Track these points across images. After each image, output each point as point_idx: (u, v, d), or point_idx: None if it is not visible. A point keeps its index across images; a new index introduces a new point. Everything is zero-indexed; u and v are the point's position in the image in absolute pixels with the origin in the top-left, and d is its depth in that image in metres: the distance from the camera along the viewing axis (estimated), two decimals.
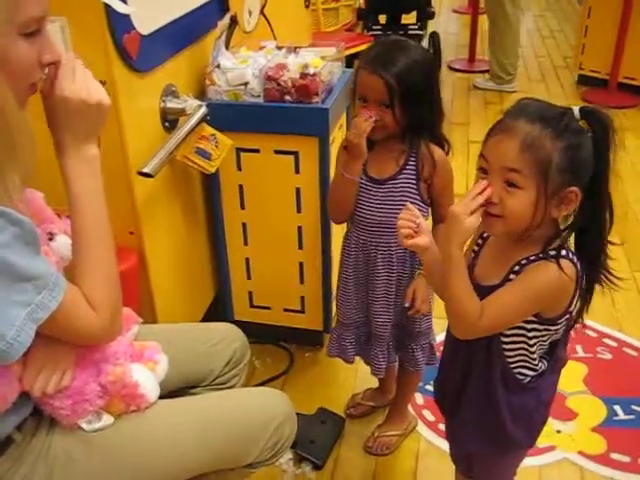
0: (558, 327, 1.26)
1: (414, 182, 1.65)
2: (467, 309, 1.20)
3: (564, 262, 1.17)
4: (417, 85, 1.56)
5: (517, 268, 1.21)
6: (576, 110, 1.16)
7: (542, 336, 1.27)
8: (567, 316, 1.24)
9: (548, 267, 1.18)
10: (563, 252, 1.18)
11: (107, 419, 1.20)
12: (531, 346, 1.28)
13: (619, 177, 3.80)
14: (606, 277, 1.27)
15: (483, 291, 1.24)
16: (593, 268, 1.24)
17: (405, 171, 1.65)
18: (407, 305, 1.72)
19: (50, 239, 1.18)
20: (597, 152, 1.15)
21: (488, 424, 1.37)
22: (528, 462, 1.50)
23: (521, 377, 1.31)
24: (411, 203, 1.37)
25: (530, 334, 1.26)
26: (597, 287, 1.28)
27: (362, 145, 1.59)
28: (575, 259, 1.20)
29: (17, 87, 0.98)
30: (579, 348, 2.39)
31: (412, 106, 1.56)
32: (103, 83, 1.54)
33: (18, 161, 0.96)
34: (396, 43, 1.62)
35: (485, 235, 1.33)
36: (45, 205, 1.22)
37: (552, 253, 1.18)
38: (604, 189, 1.20)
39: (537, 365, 1.31)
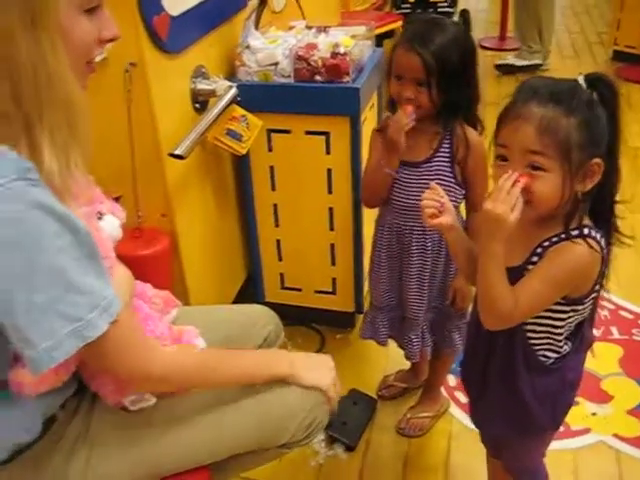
0: (585, 306, 1.23)
1: (449, 165, 1.63)
2: (505, 304, 1.18)
3: (589, 241, 1.15)
4: (455, 64, 1.53)
5: (540, 250, 1.19)
6: (581, 80, 1.15)
7: (569, 317, 1.24)
8: (594, 294, 1.22)
9: (572, 249, 1.15)
10: (585, 231, 1.16)
11: (149, 399, 1.21)
12: (557, 328, 1.25)
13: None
14: (618, 238, 1.24)
15: (511, 274, 1.21)
16: (607, 231, 1.21)
17: (439, 153, 1.63)
18: (447, 303, 1.73)
19: (99, 218, 1.19)
20: (609, 117, 1.14)
21: (511, 407, 1.35)
22: (562, 445, 1.48)
23: (544, 359, 1.29)
24: (446, 186, 1.35)
25: (556, 315, 1.24)
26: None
27: (402, 141, 1.57)
28: (598, 235, 1.17)
29: (77, 65, 0.98)
30: (614, 330, 2.35)
31: (449, 86, 1.53)
32: (134, 65, 1.56)
33: (81, 142, 0.96)
34: (434, 21, 1.58)
35: None
36: (93, 185, 1.23)
37: (574, 233, 1.16)
38: (617, 152, 1.18)
39: (562, 347, 1.29)
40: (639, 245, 1.22)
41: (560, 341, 1.28)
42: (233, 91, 1.85)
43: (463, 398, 2.12)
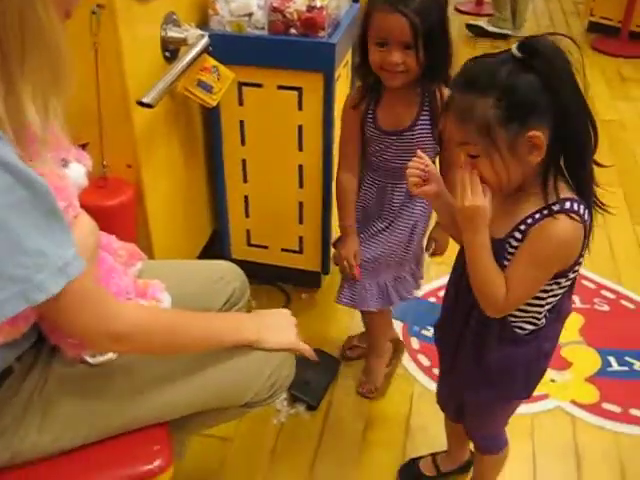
0: (568, 278, 1.22)
1: (430, 129, 1.60)
2: (496, 290, 1.19)
3: (571, 215, 1.13)
4: (436, 22, 1.48)
5: (523, 227, 1.17)
6: (514, 49, 1.10)
7: (552, 291, 1.23)
8: (577, 267, 1.21)
9: (554, 226, 1.13)
10: (567, 204, 1.13)
11: (110, 355, 1.18)
12: (540, 300, 1.24)
13: (625, 128, 3.78)
14: (596, 205, 1.20)
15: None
16: (588, 200, 1.18)
17: (421, 119, 1.60)
18: (428, 254, 1.74)
19: (64, 165, 1.14)
20: (548, 82, 1.08)
21: (485, 374, 1.35)
22: (521, 410, 1.49)
23: (520, 331, 1.29)
24: (429, 149, 1.33)
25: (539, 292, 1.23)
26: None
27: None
28: (581, 207, 1.14)
29: (58, 11, 0.93)
30: (576, 299, 2.37)
31: (432, 46, 1.48)
32: (102, 7, 1.50)
33: (61, 89, 0.93)
34: None
35: None
36: (60, 132, 1.18)
37: (555, 208, 1.13)
38: (574, 112, 1.11)
39: (540, 320, 1.28)
40: (602, 215, 1.21)
41: (540, 313, 1.27)
42: (205, 40, 1.79)
43: (426, 361, 2.13)
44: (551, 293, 1.23)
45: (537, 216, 1.15)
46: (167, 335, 1.16)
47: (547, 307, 1.26)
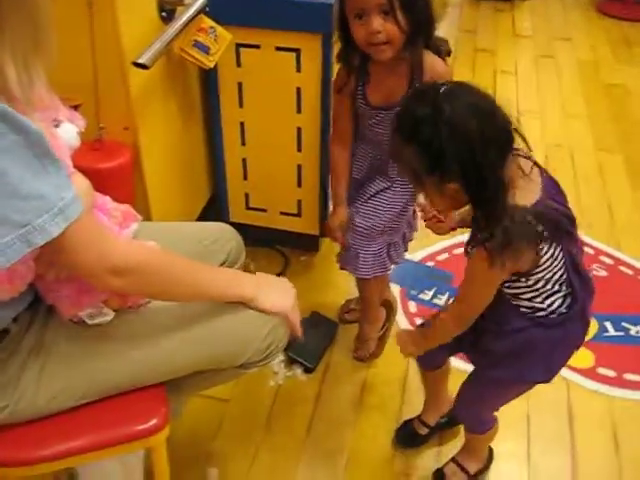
0: (538, 276, 1.24)
1: None
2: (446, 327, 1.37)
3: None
4: None
5: (469, 250, 1.23)
6: (439, 98, 1.12)
7: (527, 286, 1.26)
8: (542, 266, 1.22)
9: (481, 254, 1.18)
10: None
11: (107, 313, 1.20)
12: (525, 294, 1.28)
13: (629, 93, 3.74)
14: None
15: None
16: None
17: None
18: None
19: (56, 126, 1.14)
20: (464, 135, 1.10)
21: (507, 351, 1.36)
22: None
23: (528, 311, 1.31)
24: None
25: (513, 291, 1.28)
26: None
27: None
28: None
29: None
30: None
31: (410, 10, 1.43)
32: None
33: (43, 49, 0.92)
34: None
35: None
36: (48, 93, 1.17)
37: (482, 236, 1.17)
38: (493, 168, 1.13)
39: (544, 303, 1.29)
40: (602, 181, 1.21)
41: (541, 302, 1.28)
42: (202, 0, 1.77)
43: None
44: (526, 288, 1.26)
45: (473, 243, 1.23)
46: (167, 275, 1.16)
47: (540, 296, 1.27)
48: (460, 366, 1.77)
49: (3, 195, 0.88)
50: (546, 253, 1.20)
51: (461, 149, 1.09)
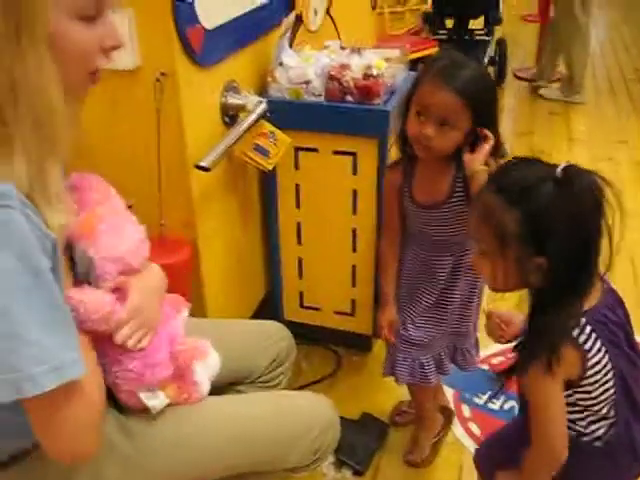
0: (586, 388, 1.19)
1: (466, 202, 1.56)
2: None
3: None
4: (481, 102, 1.47)
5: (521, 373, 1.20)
6: (559, 169, 1.09)
7: (572, 403, 1.21)
8: (591, 378, 1.17)
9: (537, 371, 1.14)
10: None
11: (163, 398, 1.20)
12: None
13: None
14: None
15: None
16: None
17: (456, 193, 1.57)
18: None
19: (129, 207, 1.20)
20: (580, 215, 1.08)
21: None
22: None
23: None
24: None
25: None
26: None
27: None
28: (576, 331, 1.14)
29: (75, 75, 0.95)
30: None
31: (473, 125, 1.48)
32: (165, 75, 1.57)
33: (58, 153, 0.93)
34: (457, 58, 1.50)
35: None
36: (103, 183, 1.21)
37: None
38: (587, 256, 1.12)
39: (587, 429, 1.23)
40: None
41: (585, 427, 1.23)
42: (263, 106, 1.85)
43: (477, 430, 2.08)
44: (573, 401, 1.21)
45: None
46: None
47: (583, 415, 1.22)
48: None
49: (5, 335, 0.85)
50: (595, 362, 1.15)
51: (574, 227, 1.08)
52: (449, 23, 4.73)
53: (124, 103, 1.66)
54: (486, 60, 4.45)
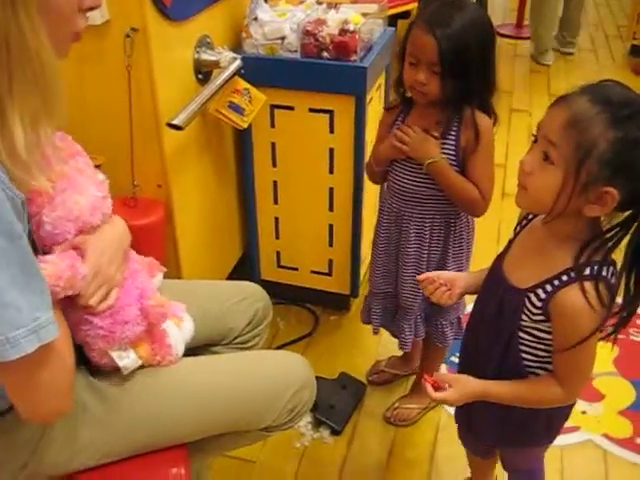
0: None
1: (454, 154, 1.55)
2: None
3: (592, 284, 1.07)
4: (473, 51, 1.44)
5: (549, 288, 1.12)
6: None
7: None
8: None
9: (574, 299, 1.08)
10: (596, 270, 1.07)
11: (135, 358, 1.18)
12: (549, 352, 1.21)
13: None
14: None
15: (510, 292, 1.19)
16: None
17: (446, 141, 1.55)
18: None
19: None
20: None
21: (506, 420, 1.31)
22: None
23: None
24: None
25: (546, 344, 1.19)
26: None
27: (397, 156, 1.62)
28: (611, 280, 1.08)
29: (59, 35, 0.94)
30: (611, 329, 2.31)
31: (464, 73, 1.45)
32: (135, 30, 1.52)
33: (52, 111, 0.92)
34: (454, 2, 1.48)
35: (529, 217, 1.26)
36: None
37: (586, 272, 1.07)
38: None
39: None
40: None
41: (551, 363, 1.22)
42: (237, 63, 1.81)
43: None
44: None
45: (564, 278, 1.10)
46: None
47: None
48: None
49: None
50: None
51: None
52: None
53: (92, 60, 1.60)
54: None
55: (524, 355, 1.21)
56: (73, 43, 0.99)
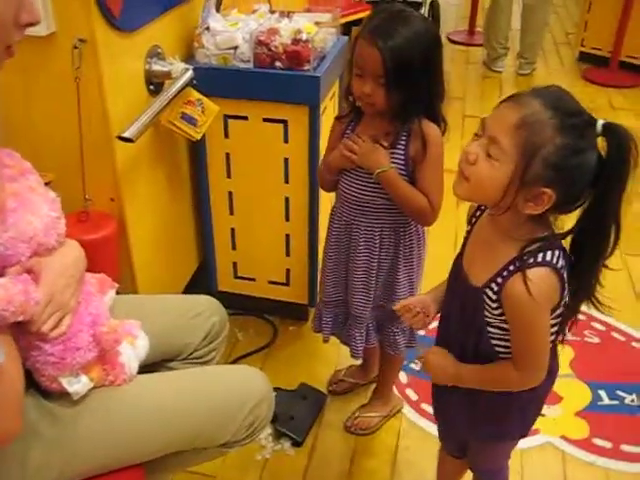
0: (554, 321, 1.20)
1: (403, 164, 1.55)
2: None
3: (538, 270, 1.10)
4: (418, 61, 1.44)
5: (499, 280, 1.14)
6: (600, 123, 1.07)
7: None
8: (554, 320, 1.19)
9: (521, 287, 1.10)
10: (539, 257, 1.10)
11: (86, 382, 1.16)
12: None
13: None
14: (593, 303, 1.22)
15: (469, 291, 1.21)
16: (582, 290, 1.18)
17: (395, 151, 1.55)
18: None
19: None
20: (606, 172, 1.06)
21: (481, 413, 1.33)
22: None
23: None
24: None
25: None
26: None
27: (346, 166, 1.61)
28: (554, 255, 1.11)
29: None
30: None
31: (409, 84, 1.45)
32: (83, 41, 1.50)
33: None
34: (399, 14, 1.48)
35: (477, 214, 1.28)
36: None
37: (530, 260, 1.10)
38: (609, 213, 1.10)
39: None
40: None
41: None
42: (189, 74, 1.79)
43: (414, 395, 2.10)
44: None
45: (511, 268, 1.13)
46: None
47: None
48: None
49: None
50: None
51: (610, 183, 1.06)
52: None
53: (39, 72, 1.57)
54: None
55: (497, 348, 1.23)
56: (8, 59, 0.96)
